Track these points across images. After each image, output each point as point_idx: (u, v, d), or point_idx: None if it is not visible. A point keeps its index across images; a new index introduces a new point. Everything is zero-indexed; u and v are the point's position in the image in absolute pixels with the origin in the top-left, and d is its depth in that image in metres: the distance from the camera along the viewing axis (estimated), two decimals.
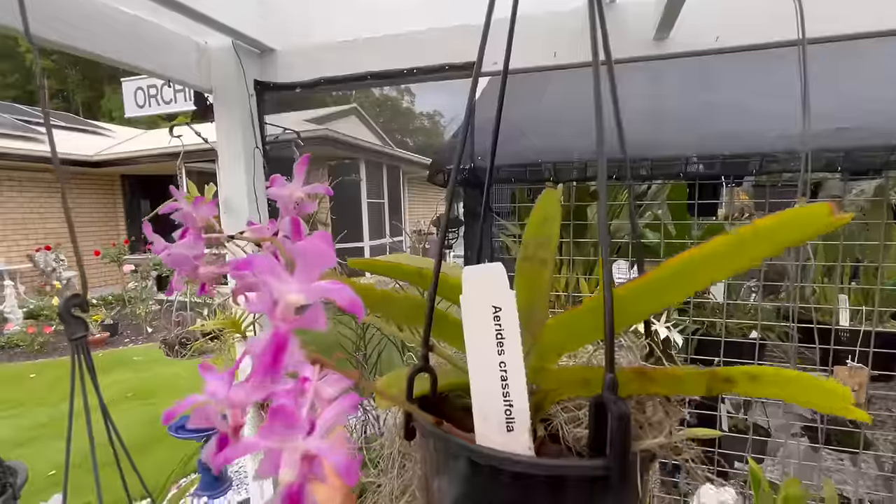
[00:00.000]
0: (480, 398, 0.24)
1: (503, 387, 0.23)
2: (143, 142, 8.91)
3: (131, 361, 4.86)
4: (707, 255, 0.21)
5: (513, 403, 0.23)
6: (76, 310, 0.34)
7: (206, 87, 1.14)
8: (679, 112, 1.13)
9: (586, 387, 0.26)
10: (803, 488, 0.75)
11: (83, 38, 0.83)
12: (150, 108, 5.75)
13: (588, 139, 1.06)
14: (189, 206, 0.28)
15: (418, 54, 1.04)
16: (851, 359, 0.92)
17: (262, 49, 1.14)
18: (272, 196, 0.27)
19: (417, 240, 1.49)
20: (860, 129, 0.87)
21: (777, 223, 0.19)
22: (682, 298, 0.30)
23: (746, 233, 0.20)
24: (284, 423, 0.14)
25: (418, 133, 19.20)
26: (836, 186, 1.48)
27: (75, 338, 0.34)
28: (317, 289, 0.16)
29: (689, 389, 0.25)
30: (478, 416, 0.24)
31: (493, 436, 0.24)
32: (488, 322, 0.23)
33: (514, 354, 0.23)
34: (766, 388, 0.23)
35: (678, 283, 0.23)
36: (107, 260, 7.54)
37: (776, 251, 0.20)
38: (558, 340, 0.27)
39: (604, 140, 0.27)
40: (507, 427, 0.23)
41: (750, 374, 0.23)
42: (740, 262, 0.21)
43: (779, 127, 0.95)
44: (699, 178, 1.01)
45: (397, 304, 0.31)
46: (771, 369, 0.23)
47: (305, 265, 0.15)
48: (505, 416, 0.23)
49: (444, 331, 0.29)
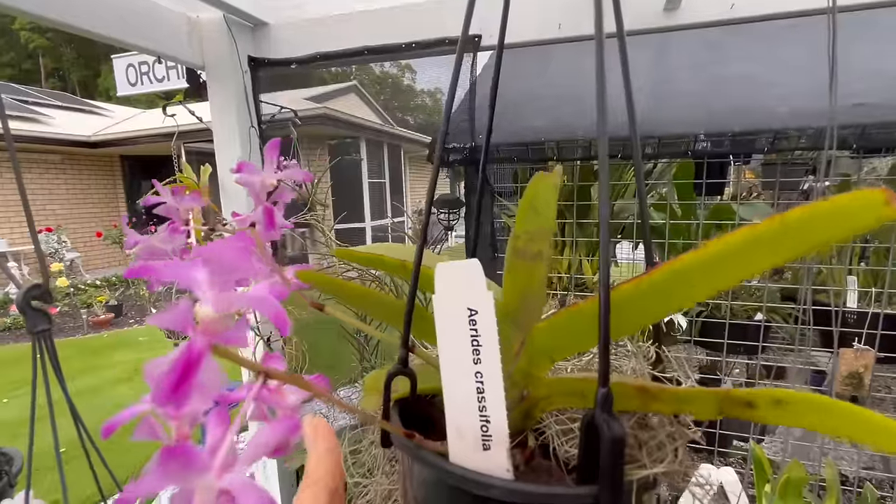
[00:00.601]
0: (454, 411, 0.21)
1: (479, 399, 0.21)
2: (142, 121, 8.81)
3: (136, 342, 4.92)
4: (725, 252, 0.18)
5: (489, 419, 0.21)
6: (37, 302, 0.33)
7: (198, 64, 1.10)
8: (687, 88, 1.09)
9: (582, 399, 0.23)
10: (805, 471, 0.75)
11: (64, 11, 0.79)
12: (143, 85, 5.64)
13: (590, 117, 1.03)
14: (173, 199, 0.26)
15: (416, 27, 1.00)
16: (858, 341, 0.90)
17: (254, 23, 1.10)
18: (241, 183, 0.24)
19: (419, 220, 1.47)
20: (877, 105, 0.84)
21: (810, 216, 0.15)
22: (690, 305, 0.26)
23: (772, 227, 0.16)
24: (182, 462, 0.12)
25: (419, 111, 18.91)
26: (845, 164, 1.44)
27: (37, 331, 0.33)
28: (232, 299, 0.14)
29: (697, 411, 0.22)
30: (451, 431, 0.21)
31: (468, 453, 0.21)
32: (463, 326, 0.21)
33: (491, 363, 0.20)
34: (793, 416, 0.20)
35: (686, 286, 0.19)
36: (109, 241, 7.55)
37: (810, 250, 0.17)
38: (551, 345, 0.24)
39: (606, 121, 0.24)
40: (484, 445, 0.21)
41: (774, 399, 0.20)
42: (766, 262, 0.17)
43: (791, 103, 0.92)
44: (707, 157, 0.98)
45: (376, 302, 0.28)
46: (801, 395, 0.19)
47: (216, 273, 0.13)
48: (481, 433, 0.21)
49: (423, 329, 0.26)
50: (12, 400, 3.61)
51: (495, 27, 1.07)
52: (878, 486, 1.18)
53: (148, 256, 0.23)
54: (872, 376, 0.96)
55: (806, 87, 0.96)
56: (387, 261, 0.28)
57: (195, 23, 1.06)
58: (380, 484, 0.28)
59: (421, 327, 0.26)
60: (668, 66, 1.15)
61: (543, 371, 0.25)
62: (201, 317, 0.13)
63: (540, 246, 0.26)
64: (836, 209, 0.15)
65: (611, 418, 0.19)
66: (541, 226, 0.26)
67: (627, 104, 0.31)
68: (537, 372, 0.24)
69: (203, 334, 0.13)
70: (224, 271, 0.13)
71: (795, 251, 0.17)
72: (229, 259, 0.13)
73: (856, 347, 0.90)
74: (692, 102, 1.05)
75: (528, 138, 1.02)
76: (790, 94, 0.94)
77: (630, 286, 0.20)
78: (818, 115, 0.85)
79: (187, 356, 0.13)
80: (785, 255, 0.17)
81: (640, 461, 0.23)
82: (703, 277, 0.19)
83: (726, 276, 0.19)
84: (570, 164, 1.21)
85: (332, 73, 9.66)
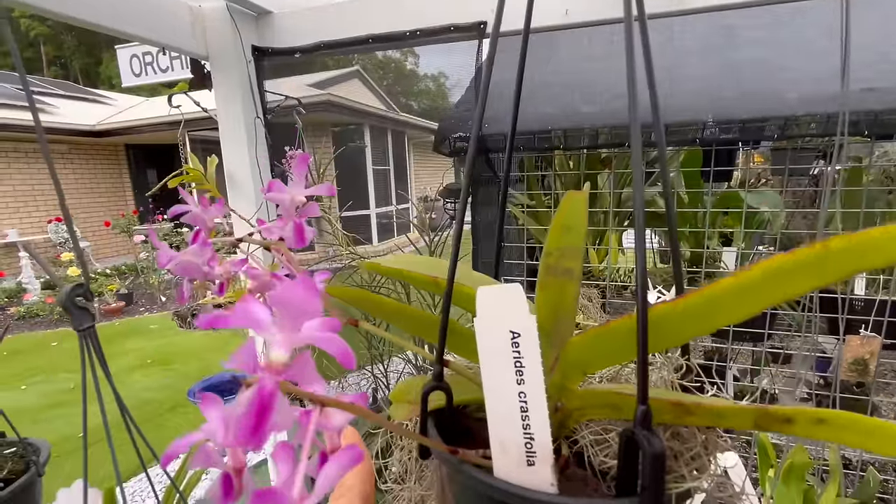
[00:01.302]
0: (498, 428, 0.22)
1: (523, 419, 0.22)
2: (145, 110, 8.79)
3: (148, 330, 5.00)
4: (762, 279, 0.18)
5: (534, 437, 0.22)
6: (80, 300, 0.34)
7: (202, 54, 1.09)
8: (696, 73, 1.07)
9: (615, 411, 0.24)
10: (808, 456, 0.76)
11: (67, 3, 0.79)
12: (147, 76, 5.63)
13: (598, 105, 1.02)
14: (199, 209, 0.26)
15: (420, 14, 0.99)
16: (864, 328, 0.90)
17: (257, 11, 1.09)
18: (272, 200, 0.25)
19: (423, 209, 1.47)
20: (889, 89, 0.82)
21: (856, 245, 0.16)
22: (723, 325, 0.26)
23: (812, 254, 0.17)
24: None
25: (423, 96, 18.66)
26: (856, 148, 1.42)
27: (83, 329, 0.34)
28: (301, 338, 0.14)
29: (733, 425, 0.23)
30: (495, 447, 0.22)
31: (512, 468, 0.22)
32: (506, 349, 0.21)
33: (534, 384, 0.21)
34: (834, 433, 0.21)
35: (721, 312, 0.20)
36: (117, 231, 7.62)
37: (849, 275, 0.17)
38: (585, 359, 0.24)
39: (637, 106, 0.23)
40: (528, 461, 0.22)
41: (817, 418, 0.20)
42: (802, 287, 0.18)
43: (802, 88, 0.90)
44: (715, 144, 0.97)
45: (410, 316, 0.29)
46: (846, 416, 0.20)
47: (286, 316, 0.14)
48: (525, 450, 0.22)
49: (456, 343, 0.27)
50: (30, 387, 3.70)
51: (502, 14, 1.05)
52: (882, 469, 1.19)
53: (182, 271, 0.24)
54: (879, 363, 0.96)
55: (816, 71, 0.94)
56: (419, 277, 0.28)
57: (198, 12, 1.06)
58: (413, 490, 0.29)
59: (452, 341, 0.27)
60: (677, 50, 1.13)
61: (576, 384, 0.25)
62: (273, 360, 0.14)
63: (571, 263, 0.26)
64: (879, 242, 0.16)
65: (651, 434, 0.20)
66: (572, 243, 0.27)
67: (650, 91, 0.31)
68: (570, 385, 0.25)
69: (273, 375, 0.13)
70: (293, 315, 0.14)
71: (833, 278, 0.18)
72: (298, 302, 0.14)
73: (862, 334, 0.90)
74: (700, 88, 1.03)
75: (534, 127, 1.02)
76: (801, 78, 0.92)
77: (667, 307, 0.21)
78: (829, 101, 0.83)
79: (261, 399, 0.13)
80: (824, 281, 0.18)
81: (678, 472, 0.24)
82: (738, 302, 0.19)
83: (760, 302, 0.19)
84: (577, 153, 1.20)
85: (335, 58, 9.54)
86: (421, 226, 1.43)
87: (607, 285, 1.11)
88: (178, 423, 3.12)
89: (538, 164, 1.37)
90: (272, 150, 1.17)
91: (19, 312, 5.59)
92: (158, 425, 3.05)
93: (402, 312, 0.28)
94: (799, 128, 0.88)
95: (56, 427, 2.99)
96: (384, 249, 5.46)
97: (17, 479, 0.53)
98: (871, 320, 0.88)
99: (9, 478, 0.54)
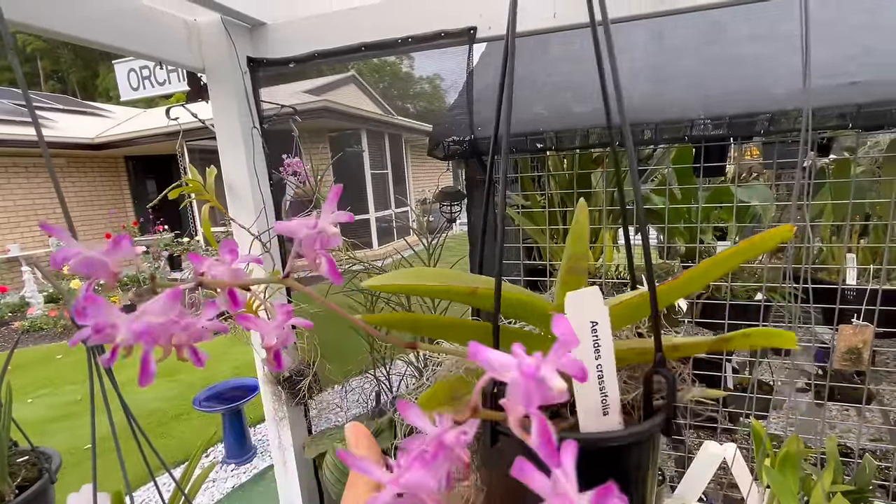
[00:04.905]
0: (584, 395, 0.31)
1: (600, 384, 0.31)
2: (143, 121, 8.83)
3: None
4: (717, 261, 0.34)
5: (608, 394, 0.31)
6: None
7: (198, 67, 1.11)
8: (685, 70, 1.09)
9: (642, 356, 0.36)
10: (805, 444, 0.77)
11: (64, 22, 0.80)
12: (145, 90, 5.67)
13: (589, 105, 1.03)
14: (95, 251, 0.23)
15: (410, 22, 1.01)
16: (857, 317, 0.92)
17: (252, 23, 1.11)
18: (291, 234, 0.24)
19: (422, 212, 1.48)
20: (873, 82, 0.84)
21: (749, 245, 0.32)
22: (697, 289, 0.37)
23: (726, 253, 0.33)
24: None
25: (419, 98, 18.67)
26: (849, 140, 1.44)
27: (92, 344, 0.35)
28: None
29: (701, 350, 0.37)
30: (581, 409, 0.31)
31: (591, 420, 0.31)
32: (587, 335, 0.30)
33: (608, 358, 0.30)
34: (754, 340, 0.34)
35: (695, 282, 0.35)
36: None
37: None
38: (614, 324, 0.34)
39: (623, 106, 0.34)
40: (604, 412, 0.31)
41: (744, 334, 0.35)
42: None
43: (788, 83, 0.92)
44: (705, 140, 0.98)
45: (449, 326, 0.37)
46: (761, 330, 0.35)
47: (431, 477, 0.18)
48: (601, 405, 0.31)
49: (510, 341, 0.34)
50: (36, 399, 3.71)
51: (491, 20, 1.07)
52: (883, 457, 1.20)
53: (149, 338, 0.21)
54: (872, 351, 0.97)
55: (796, 65, 0.95)
56: (456, 289, 0.35)
57: (194, 27, 1.08)
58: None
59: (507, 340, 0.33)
60: (666, 47, 1.14)
61: None
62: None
63: (583, 263, 0.39)
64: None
65: (665, 370, 0.32)
66: (582, 250, 0.40)
67: (616, 93, 0.36)
68: None
69: None
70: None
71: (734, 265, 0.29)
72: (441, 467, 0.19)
73: (854, 323, 0.91)
74: (690, 85, 1.05)
75: (527, 128, 1.03)
76: (787, 73, 0.94)
77: (665, 286, 0.35)
78: (813, 95, 0.85)
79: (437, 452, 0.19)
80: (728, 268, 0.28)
81: (679, 388, 0.36)
82: (701, 279, 0.35)
83: (705, 280, 0.36)
84: (569, 153, 1.22)
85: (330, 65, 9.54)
86: (419, 229, 1.45)
87: (603, 282, 1.13)
88: (183, 431, 3.13)
89: (533, 164, 1.39)
90: (269, 159, 1.18)
91: (23, 326, 5.61)
92: (163, 434, 3.06)
93: (436, 323, 0.37)
94: (787, 122, 0.89)
95: (63, 439, 3.00)
96: (384, 253, 5.46)
97: (31, 485, 0.55)
98: (863, 309, 0.90)
99: (23, 485, 0.55)
